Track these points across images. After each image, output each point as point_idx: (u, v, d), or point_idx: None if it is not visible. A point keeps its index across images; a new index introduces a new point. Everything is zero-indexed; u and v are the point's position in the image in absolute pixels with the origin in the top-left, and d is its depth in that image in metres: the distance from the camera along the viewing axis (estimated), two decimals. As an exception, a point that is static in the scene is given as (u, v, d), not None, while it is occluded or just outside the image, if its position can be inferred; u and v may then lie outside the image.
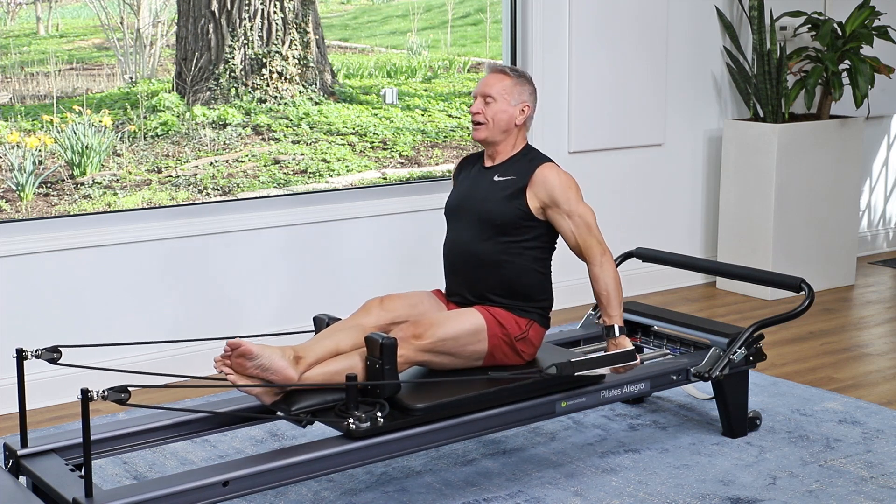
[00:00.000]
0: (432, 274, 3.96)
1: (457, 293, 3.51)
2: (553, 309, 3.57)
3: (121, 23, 4.48)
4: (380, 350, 3.05)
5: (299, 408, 3.05)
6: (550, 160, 3.48)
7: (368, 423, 2.99)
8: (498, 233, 3.40)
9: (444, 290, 3.57)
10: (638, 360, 3.42)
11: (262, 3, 4.70)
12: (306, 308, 4.58)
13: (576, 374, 3.31)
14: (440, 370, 3.32)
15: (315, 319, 3.45)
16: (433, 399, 3.14)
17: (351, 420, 2.98)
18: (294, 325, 4.62)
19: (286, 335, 3.61)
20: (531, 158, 3.47)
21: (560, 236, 3.46)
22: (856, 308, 5.66)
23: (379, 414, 3.02)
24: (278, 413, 3.10)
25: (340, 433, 3.03)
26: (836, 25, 5.78)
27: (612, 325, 3.41)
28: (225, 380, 3.03)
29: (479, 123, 3.45)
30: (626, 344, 3.42)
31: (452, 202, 3.57)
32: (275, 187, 4.77)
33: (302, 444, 3.04)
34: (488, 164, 3.52)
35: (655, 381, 3.60)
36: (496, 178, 3.46)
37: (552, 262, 3.53)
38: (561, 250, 3.53)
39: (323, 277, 4.89)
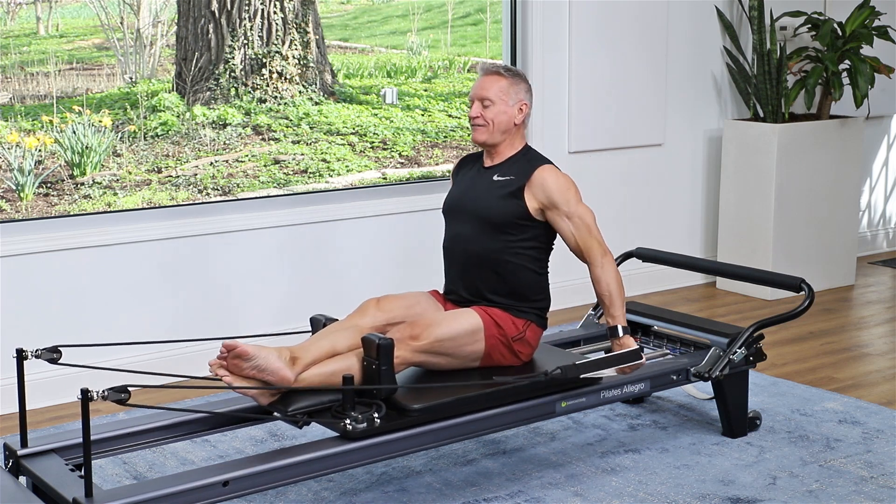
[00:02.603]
0: (432, 274, 3.96)
1: (454, 292, 3.51)
2: (553, 309, 3.57)
3: (121, 23, 4.48)
4: (376, 351, 3.03)
5: (296, 408, 3.03)
6: (549, 161, 3.47)
7: (365, 424, 2.98)
8: (496, 232, 3.40)
9: (442, 290, 3.56)
10: (643, 360, 3.40)
11: (262, 3, 4.69)
12: (305, 308, 4.57)
13: (581, 376, 3.30)
14: (437, 371, 3.30)
15: (312, 320, 3.43)
16: (430, 399, 3.13)
17: (348, 421, 2.98)
18: (293, 326, 4.62)
19: (285, 335, 3.61)
20: (530, 159, 3.46)
21: (559, 237, 3.46)
22: (856, 308, 5.66)
23: (376, 415, 3.01)
24: (275, 413, 3.09)
25: (337, 434, 3.02)
26: (836, 25, 5.78)
27: (616, 326, 3.39)
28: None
29: (479, 126, 3.44)
30: (631, 343, 3.40)
31: (451, 201, 3.56)
32: (275, 187, 4.77)
33: (300, 444, 3.04)
34: (488, 163, 3.52)
35: (655, 381, 3.60)
36: (495, 177, 3.45)
37: (550, 263, 3.52)
38: (559, 250, 3.53)
39: (322, 278, 4.89)
